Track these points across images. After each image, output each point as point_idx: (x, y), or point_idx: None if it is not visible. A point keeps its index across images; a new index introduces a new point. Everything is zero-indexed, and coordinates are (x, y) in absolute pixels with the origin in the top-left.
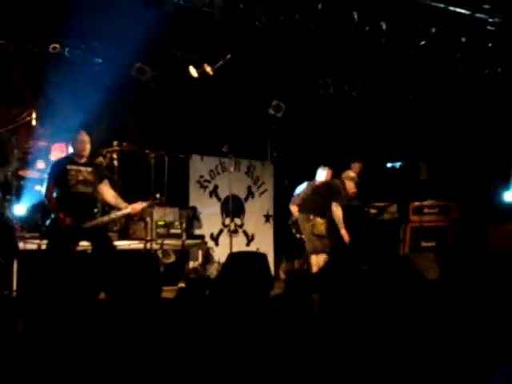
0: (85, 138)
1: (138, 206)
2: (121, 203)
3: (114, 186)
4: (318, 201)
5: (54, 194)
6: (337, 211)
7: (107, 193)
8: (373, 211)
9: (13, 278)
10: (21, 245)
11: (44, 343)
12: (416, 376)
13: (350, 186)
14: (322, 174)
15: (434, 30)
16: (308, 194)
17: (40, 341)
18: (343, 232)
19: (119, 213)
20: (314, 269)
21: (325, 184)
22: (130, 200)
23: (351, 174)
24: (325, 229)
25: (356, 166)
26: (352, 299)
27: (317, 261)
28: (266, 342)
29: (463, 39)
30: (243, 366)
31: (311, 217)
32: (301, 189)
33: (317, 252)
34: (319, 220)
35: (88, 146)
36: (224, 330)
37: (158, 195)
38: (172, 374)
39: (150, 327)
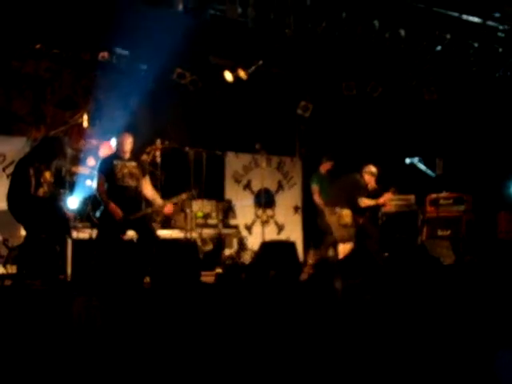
0: (127, 137)
1: (170, 207)
2: (157, 199)
3: (156, 181)
4: (341, 194)
5: (105, 188)
6: (361, 202)
7: (146, 188)
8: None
9: (67, 264)
10: (74, 234)
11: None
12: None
13: (370, 180)
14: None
15: (448, 36)
16: (332, 188)
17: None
18: (380, 201)
19: (159, 206)
20: (341, 256)
21: (345, 178)
22: (170, 192)
23: (372, 168)
24: (350, 219)
25: (326, 164)
26: (374, 283)
27: (343, 249)
28: (295, 321)
29: (476, 45)
30: (274, 344)
31: (337, 209)
32: None
33: (343, 241)
34: (344, 211)
35: (130, 144)
36: (257, 311)
37: (194, 191)
38: (211, 347)
39: (190, 308)
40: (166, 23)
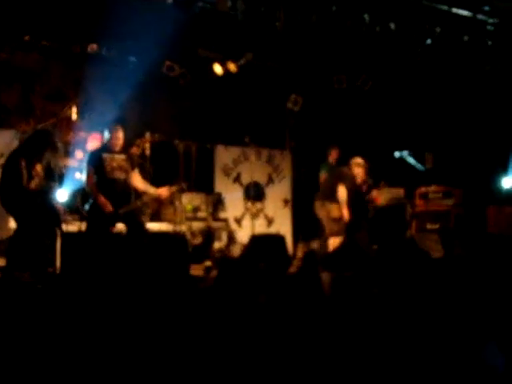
0: (119, 130)
1: (166, 192)
2: (150, 188)
3: (145, 173)
4: (329, 186)
5: (94, 181)
6: (340, 192)
7: (137, 179)
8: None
9: (56, 257)
10: (63, 227)
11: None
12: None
13: (359, 172)
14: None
15: (438, 29)
16: (321, 182)
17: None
18: (344, 211)
19: (149, 196)
20: (330, 249)
21: (333, 171)
22: (160, 185)
23: (359, 160)
24: (340, 212)
25: (333, 152)
26: (363, 275)
27: (333, 242)
28: (283, 313)
29: (465, 38)
30: (262, 335)
31: (326, 203)
32: None
33: (333, 234)
34: (334, 205)
35: (121, 137)
36: (246, 304)
37: (183, 184)
38: (199, 339)
39: (180, 301)
40: (155, 16)
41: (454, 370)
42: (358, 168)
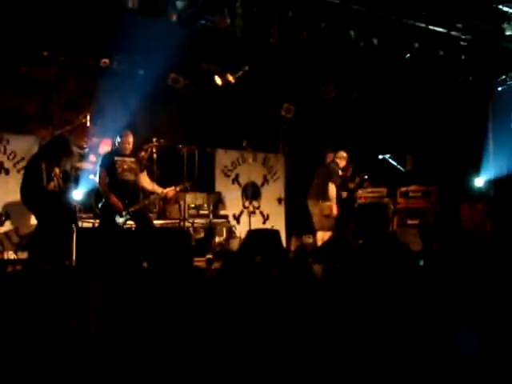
0: (129, 135)
1: (171, 191)
2: (157, 189)
3: (152, 175)
4: (321, 185)
5: (106, 181)
6: (331, 189)
7: (145, 180)
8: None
9: (72, 251)
10: (78, 223)
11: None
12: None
13: (341, 162)
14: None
15: (417, 45)
16: (313, 181)
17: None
18: (334, 208)
19: (157, 196)
20: (319, 243)
21: (322, 168)
22: (166, 185)
23: (343, 153)
24: (330, 210)
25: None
26: (351, 266)
27: (322, 237)
28: (278, 300)
29: (441, 53)
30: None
31: (320, 201)
32: None
33: (323, 229)
34: (326, 203)
35: (131, 142)
36: (245, 292)
37: (187, 184)
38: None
39: (183, 290)
40: (161, 32)
41: (432, 351)
42: (342, 161)
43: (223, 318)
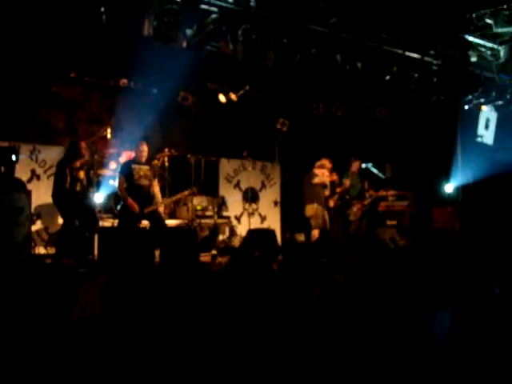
0: (145, 145)
1: (162, 208)
2: (158, 198)
3: (164, 181)
4: (306, 190)
5: (124, 186)
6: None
7: (156, 187)
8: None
9: (94, 247)
10: (100, 223)
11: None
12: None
13: (321, 172)
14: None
15: (395, 68)
16: (311, 187)
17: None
18: (316, 208)
19: (156, 203)
20: (313, 239)
21: (307, 176)
22: (176, 190)
23: (322, 161)
24: (314, 211)
25: (355, 163)
26: (335, 261)
27: (313, 234)
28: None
29: (415, 75)
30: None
31: (314, 204)
32: None
33: (314, 228)
34: (308, 206)
35: (146, 151)
36: (245, 282)
37: (194, 189)
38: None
39: (191, 280)
40: (173, 56)
41: (409, 334)
42: (321, 169)
43: (226, 306)
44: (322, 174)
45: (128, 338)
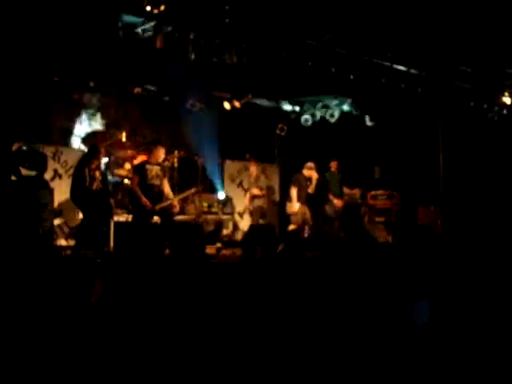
0: (160, 150)
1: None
2: (170, 195)
3: (173, 180)
4: (290, 190)
5: (138, 185)
6: (291, 193)
7: (166, 186)
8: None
9: (110, 240)
10: (115, 218)
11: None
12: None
13: (309, 173)
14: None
15: (383, 79)
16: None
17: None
18: (294, 207)
19: (176, 198)
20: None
21: (294, 177)
22: (184, 188)
23: (308, 164)
24: (293, 209)
25: (333, 163)
26: (327, 254)
27: (289, 228)
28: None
29: (403, 85)
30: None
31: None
32: None
33: (290, 223)
34: (288, 203)
35: (162, 155)
36: (248, 273)
37: (201, 188)
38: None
39: (197, 271)
40: (182, 67)
41: (393, 322)
42: (308, 171)
43: (230, 294)
44: (310, 174)
45: (137, 323)
